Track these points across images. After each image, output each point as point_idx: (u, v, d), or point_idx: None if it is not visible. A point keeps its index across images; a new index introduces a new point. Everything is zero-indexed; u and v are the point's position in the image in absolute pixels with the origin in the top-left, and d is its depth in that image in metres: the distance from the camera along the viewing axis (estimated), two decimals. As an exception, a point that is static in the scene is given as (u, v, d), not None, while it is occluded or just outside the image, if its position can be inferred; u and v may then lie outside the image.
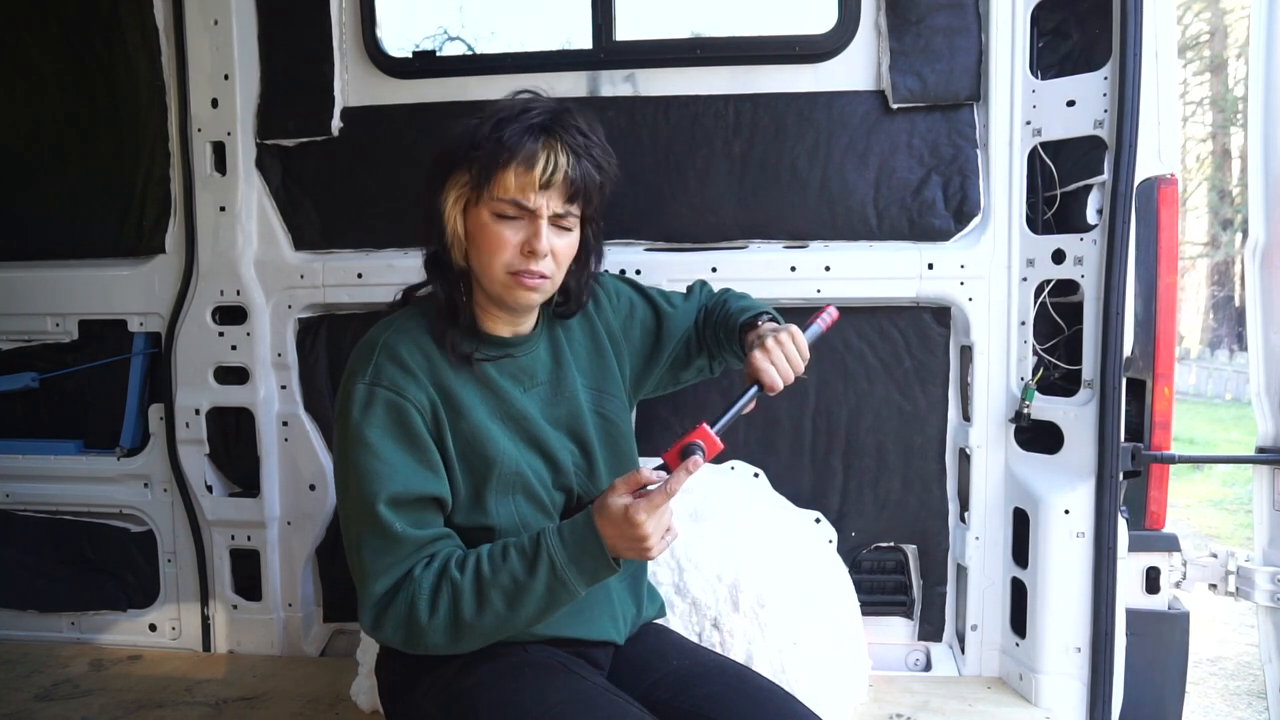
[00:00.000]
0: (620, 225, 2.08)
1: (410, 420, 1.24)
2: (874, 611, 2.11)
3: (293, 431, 2.23)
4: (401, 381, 1.25)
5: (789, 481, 2.11)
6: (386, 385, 1.24)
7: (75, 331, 2.33)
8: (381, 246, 2.17)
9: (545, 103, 1.28)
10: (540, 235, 1.25)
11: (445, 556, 1.24)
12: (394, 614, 1.21)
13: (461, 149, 1.26)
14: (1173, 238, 1.89)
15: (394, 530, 1.21)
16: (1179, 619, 1.93)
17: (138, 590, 2.36)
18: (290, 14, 2.15)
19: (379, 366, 1.25)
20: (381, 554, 1.22)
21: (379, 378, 1.24)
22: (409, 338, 1.29)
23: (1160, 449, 1.90)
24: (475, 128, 1.26)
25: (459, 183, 1.27)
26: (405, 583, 1.21)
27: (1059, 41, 2.01)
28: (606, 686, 1.30)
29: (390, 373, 1.25)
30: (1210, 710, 3.58)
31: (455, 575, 1.21)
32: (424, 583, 1.21)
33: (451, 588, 1.20)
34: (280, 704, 1.98)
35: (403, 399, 1.24)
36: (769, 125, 2.06)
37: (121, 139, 2.26)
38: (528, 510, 1.32)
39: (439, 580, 1.21)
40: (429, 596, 1.20)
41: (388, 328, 1.31)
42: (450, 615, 1.20)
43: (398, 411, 1.24)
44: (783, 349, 1.32)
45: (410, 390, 1.25)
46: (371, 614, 1.23)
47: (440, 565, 1.23)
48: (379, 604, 1.22)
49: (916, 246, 2.03)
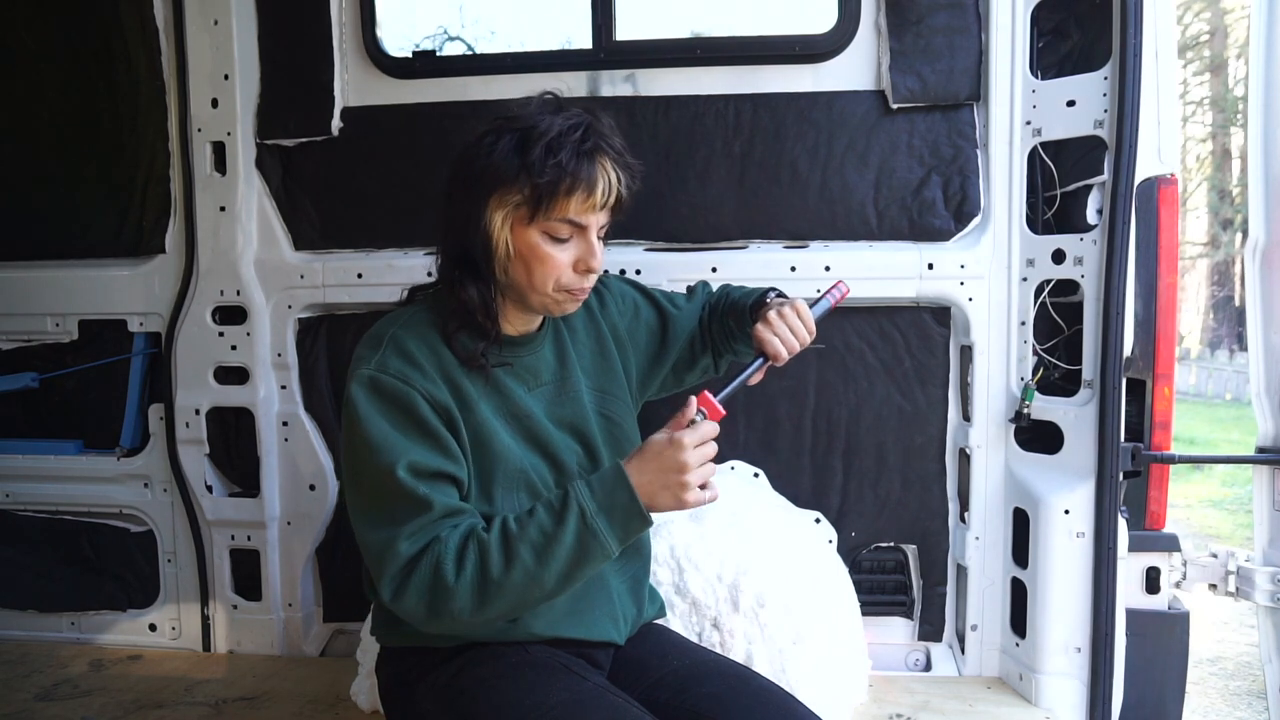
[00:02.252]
0: (620, 225, 2.06)
1: (418, 408, 1.22)
2: (874, 611, 2.11)
3: (293, 431, 2.23)
4: (408, 372, 1.23)
5: (789, 481, 2.11)
6: (393, 374, 1.22)
7: (75, 331, 2.33)
8: (381, 246, 2.17)
9: (579, 115, 1.26)
10: (595, 253, 1.27)
11: (472, 522, 1.21)
12: (418, 578, 1.17)
13: (510, 169, 1.21)
14: (1173, 238, 1.89)
15: (418, 493, 1.17)
16: (1179, 619, 1.93)
17: (138, 590, 2.36)
18: (290, 14, 2.15)
19: (385, 358, 1.24)
20: (406, 518, 1.18)
21: (385, 367, 1.23)
22: (416, 333, 1.28)
23: (1160, 449, 1.90)
24: (521, 145, 1.21)
25: (509, 202, 1.23)
26: (431, 546, 1.18)
27: (1059, 41, 2.01)
28: (607, 687, 1.30)
29: (396, 364, 1.23)
30: (1210, 710, 3.58)
31: (482, 535, 1.19)
32: (450, 543, 1.17)
33: (479, 545, 1.17)
34: (280, 704, 1.98)
35: (409, 387, 1.22)
36: (769, 125, 2.06)
37: (121, 139, 2.26)
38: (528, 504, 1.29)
39: (465, 541, 1.18)
40: (455, 556, 1.16)
41: (394, 322, 1.30)
42: (477, 574, 1.16)
43: (405, 400, 1.22)
44: (786, 321, 1.35)
45: (417, 380, 1.23)
46: (394, 583, 1.17)
47: (466, 528, 1.20)
48: (403, 569, 1.17)
49: (916, 246, 2.03)
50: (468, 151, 1.27)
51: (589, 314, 1.49)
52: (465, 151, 1.27)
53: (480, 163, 1.24)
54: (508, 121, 1.25)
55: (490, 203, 1.24)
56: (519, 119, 1.24)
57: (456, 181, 1.28)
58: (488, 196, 1.24)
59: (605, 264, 2.04)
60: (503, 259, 1.27)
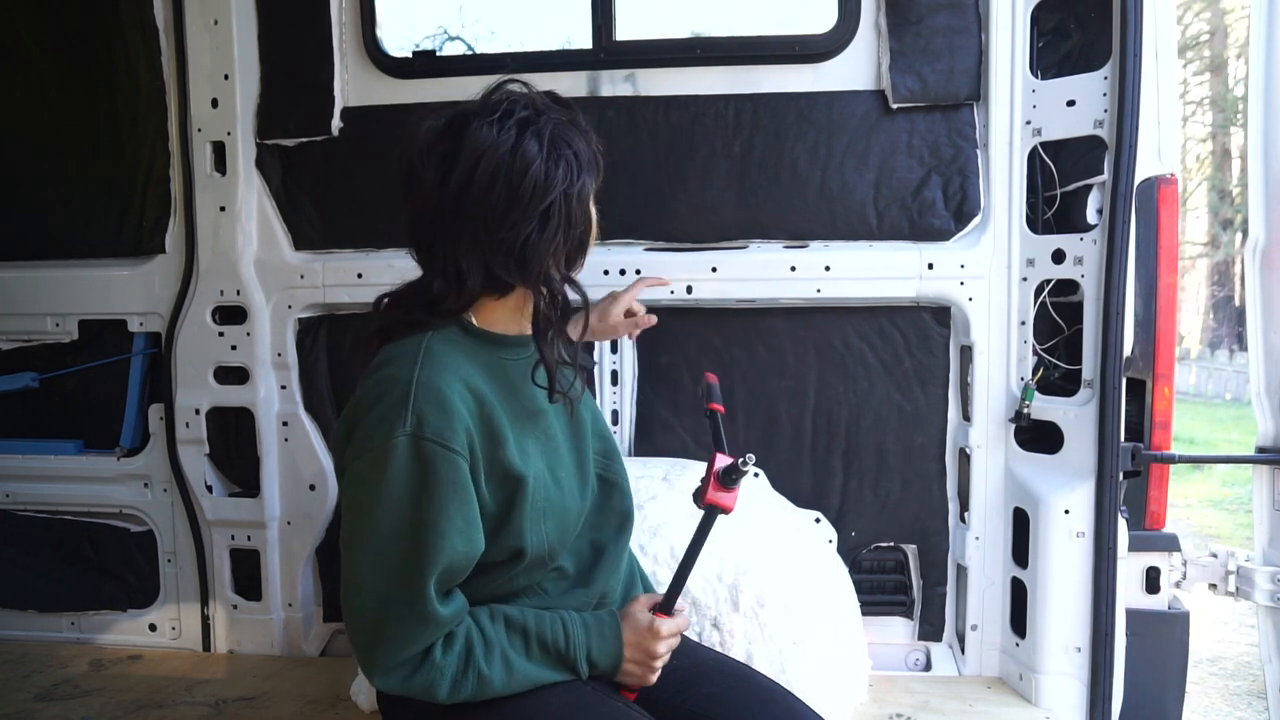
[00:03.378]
0: (620, 225, 2.09)
1: (459, 474, 1.12)
2: (874, 611, 2.11)
3: (293, 431, 2.23)
4: (447, 433, 1.11)
5: (789, 481, 2.11)
6: (431, 438, 1.10)
7: (75, 331, 2.33)
8: (381, 246, 2.17)
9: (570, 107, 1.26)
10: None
11: (466, 638, 1.18)
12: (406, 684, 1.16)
13: (590, 158, 1.22)
14: (1173, 238, 1.89)
15: (429, 609, 1.13)
16: (1179, 619, 1.94)
17: (138, 590, 2.36)
18: (290, 14, 2.15)
19: (421, 415, 1.10)
20: (407, 626, 1.14)
21: (421, 427, 1.10)
22: (447, 369, 1.16)
23: (1160, 449, 1.90)
24: (590, 147, 1.23)
25: (594, 187, 1.24)
26: (424, 664, 1.16)
27: (1059, 41, 2.01)
28: (605, 688, 1.29)
29: (433, 421, 1.10)
30: (1210, 710, 3.58)
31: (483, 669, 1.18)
32: (446, 669, 1.16)
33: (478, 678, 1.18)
34: (280, 704, 1.98)
35: (450, 452, 1.11)
36: (769, 125, 2.06)
37: (121, 139, 2.26)
38: (553, 533, 1.24)
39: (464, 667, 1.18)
40: (451, 682, 1.17)
41: (416, 362, 1.15)
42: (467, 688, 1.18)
43: (448, 468, 1.11)
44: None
45: (458, 441, 1.12)
46: (380, 675, 1.16)
47: (463, 649, 1.17)
48: (392, 671, 1.15)
49: (916, 246, 2.03)
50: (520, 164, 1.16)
51: None
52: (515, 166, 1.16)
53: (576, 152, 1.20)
54: (503, 122, 1.18)
55: (587, 186, 1.22)
56: (509, 117, 1.18)
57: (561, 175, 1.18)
58: (586, 181, 1.21)
59: (607, 265, 2.07)
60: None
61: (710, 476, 1.25)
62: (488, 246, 1.17)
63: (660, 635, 1.25)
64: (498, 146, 1.16)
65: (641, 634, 1.26)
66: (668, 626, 1.26)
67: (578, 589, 1.31)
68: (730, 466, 1.24)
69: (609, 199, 1.38)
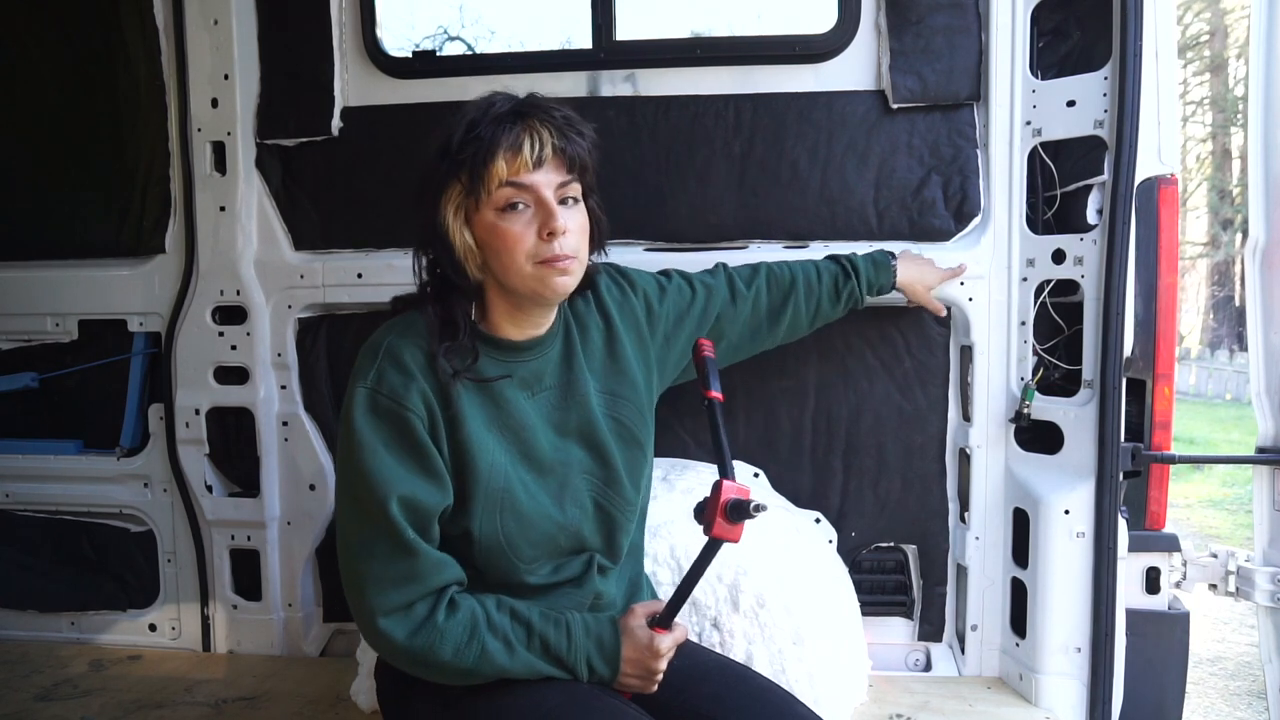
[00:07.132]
0: (620, 225, 2.07)
1: (411, 429, 1.22)
2: (874, 611, 2.11)
3: (293, 431, 2.23)
4: (401, 390, 1.22)
5: (789, 481, 2.11)
6: (387, 394, 1.22)
7: (75, 331, 2.33)
8: (381, 246, 2.17)
9: (508, 95, 1.26)
10: (554, 214, 1.21)
11: (472, 611, 1.24)
12: (409, 641, 1.21)
13: (444, 162, 1.22)
14: (1173, 238, 1.89)
15: (405, 537, 1.20)
16: (1179, 619, 1.94)
17: (138, 590, 2.36)
18: (290, 14, 2.15)
19: (381, 371, 1.23)
20: (391, 561, 1.21)
21: (380, 383, 1.22)
22: (413, 341, 1.25)
23: (1160, 449, 1.90)
24: (448, 138, 1.23)
25: (453, 196, 1.23)
26: (426, 623, 1.21)
27: (1059, 41, 2.01)
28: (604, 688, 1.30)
29: (391, 379, 1.22)
30: (1210, 710, 3.58)
31: (488, 641, 1.23)
32: (449, 634, 1.22)
33: (482, 649, 1.22)
34: (280, 704, 1.98)
35: (402, 408, 1.21)
36: (769, 125, 2.06)
37: (121, 139, 2.26)
38: (512, 528, 1.28)
39: (468, 637, 1.22)
40: (453, 650, 1.21)
41: (392, 329, 1.28)
42: (472, 666, 1.22)
43: (400, 422, 1.22)
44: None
45: (411, 399, 1.22)
46: (375, 618, 1.21)
47: (469, 620, 1.23)
48: (388, 616, 1.21)
49: (916, 246, 2.02)
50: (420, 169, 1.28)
51: (603, 313, 1.43)
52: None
53: (423, 175, 1.26)
54: (442, 130, 1.25)
55: (440, 207, 1.23)
56: (454, 118, 1.24)
57: (418, 200, 1.27)
58: (436, 202, 1.24)
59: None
60: (473, 256, 1.25)
61: (718, 507, 1.22)
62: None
63: (659, 654, 1.28)
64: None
65: (641, 651, 1.28)
66: (666, 644, 1.28)
67: (570, 589, 1.35)
68: (739, 504, 1.21)
69: (609, 199, 1.38)
